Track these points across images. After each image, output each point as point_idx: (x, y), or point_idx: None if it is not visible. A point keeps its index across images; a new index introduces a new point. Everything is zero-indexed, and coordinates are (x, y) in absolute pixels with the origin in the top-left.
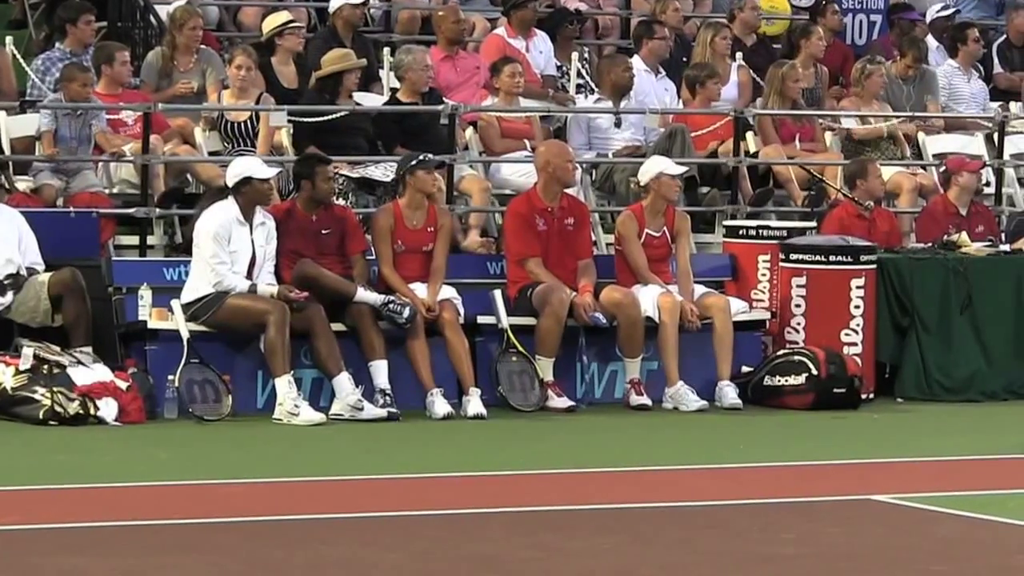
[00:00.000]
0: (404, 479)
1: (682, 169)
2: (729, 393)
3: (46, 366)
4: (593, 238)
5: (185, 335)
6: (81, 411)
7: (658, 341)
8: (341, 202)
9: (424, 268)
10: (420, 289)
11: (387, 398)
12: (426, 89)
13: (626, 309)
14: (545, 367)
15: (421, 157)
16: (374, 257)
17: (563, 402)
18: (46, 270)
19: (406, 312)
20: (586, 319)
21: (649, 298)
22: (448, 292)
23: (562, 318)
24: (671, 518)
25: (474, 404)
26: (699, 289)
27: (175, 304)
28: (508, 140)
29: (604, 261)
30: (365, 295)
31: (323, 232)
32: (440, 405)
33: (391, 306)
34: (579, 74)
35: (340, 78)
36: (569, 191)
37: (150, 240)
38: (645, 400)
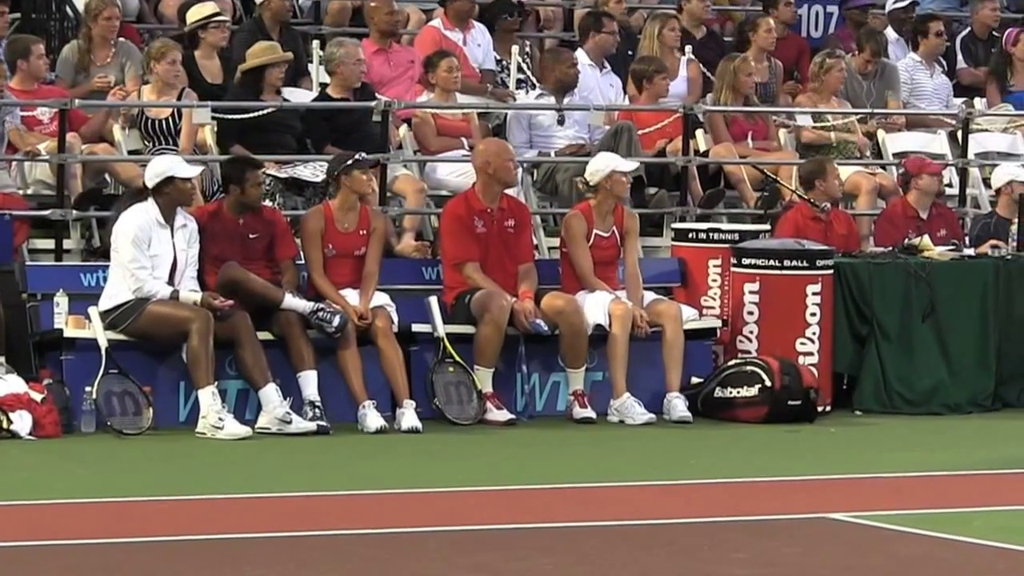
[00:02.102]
0: (335, 496)
1: (634, 165)
2: (678, 405)
3: None
4: (535, 242)
5: (103, 344)
6: None
7: (607, 351)
8: (268, 203)
9: (356, 273)
10: (352, 296)
11: (317, 411)
12: (358, 85)
13: (569, 317)
14: (484, 378)
15: (357, 157)
16: (303, 262)
17: (502, 415)
18: None
19: (336, 320)
20: (526, 326)
21: (598, 305)
22: (381, 299)
23: (502, 326)
24: (617, 537)
25: (408, 417)
26: (648, 295)
27: (93, 311)
28: (444, 138)
29: (546, 266)
30: (293, 302)
31: (251, 236)
32: (373, 418)
33: (320, 314)
34: (520, 68)
35: (263, 73)
36: (509, 192)
37: (66, 244)
38: (589, 413)
